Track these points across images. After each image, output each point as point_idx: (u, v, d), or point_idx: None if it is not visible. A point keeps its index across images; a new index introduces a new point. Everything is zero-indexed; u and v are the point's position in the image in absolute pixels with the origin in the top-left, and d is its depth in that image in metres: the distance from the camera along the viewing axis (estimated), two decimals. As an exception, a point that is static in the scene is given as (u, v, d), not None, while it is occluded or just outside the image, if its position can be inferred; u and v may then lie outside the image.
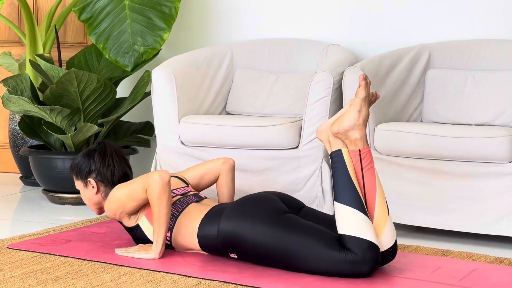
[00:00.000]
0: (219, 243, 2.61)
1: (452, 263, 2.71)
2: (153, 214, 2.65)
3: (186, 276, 2.49)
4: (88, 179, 2.81)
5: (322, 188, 3.32)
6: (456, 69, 3.50)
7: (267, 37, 4.01)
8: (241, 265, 2.62)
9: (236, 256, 2.62)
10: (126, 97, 3.94)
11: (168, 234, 2.72)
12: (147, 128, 4.08)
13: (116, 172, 2.80)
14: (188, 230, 2.68)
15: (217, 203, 2.82)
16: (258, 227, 2.52)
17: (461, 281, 2.47)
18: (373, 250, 2.42)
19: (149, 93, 3.84)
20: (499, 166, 2.96)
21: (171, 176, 2.91)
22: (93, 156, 2.82)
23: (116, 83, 3.88)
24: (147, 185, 2.63)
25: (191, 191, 2.89)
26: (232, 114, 3.81)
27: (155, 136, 3.62)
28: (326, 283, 2.42)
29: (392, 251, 2.51)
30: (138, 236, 2.77)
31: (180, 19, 4.14)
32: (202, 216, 2.68)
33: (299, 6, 3.99)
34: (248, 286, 2.41)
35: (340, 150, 2.50)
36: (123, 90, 4.23)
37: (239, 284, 2.42)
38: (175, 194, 2.81)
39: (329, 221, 2.60)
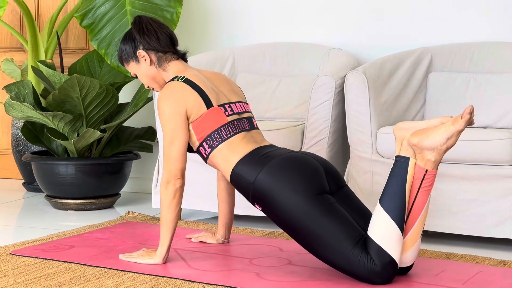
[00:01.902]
0: (251, 191, 2.52)
1: (456, 266, 2.71)
2: (161, 218, 2.64)
3: (190, 281, 2.49)
4: (137, 52, 2.72)
5: (325, 192, 3.31)
6: (458, 71, 3.50)
7: (269, 41, 4.01)
8: (245, 268, 2.62)
9: (260, 209, 2.54)
10: (128, 103, 3.95)
11: (208, 150, 2.62)
12: (150, 133, 4.08)
13: (160, 35, 2.72)
14: (226, 160, 2.59)
15: (265, 141, 2.70)
16: (295, 197, 2.44)
17: (465, 284, 2.47)
18: (393, 268, 2.39)
19: (151, 99, 3.84)
20: (502, 169, 2.96)
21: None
22: (131, 33, 2.74)
23: (118, 89, 3.89)
24: (160, 184, 2.61)
25: (247, 111, 2.74)
26: (234, 118, 3.81)
27: (158, 141, 3.62)
28: (328, 286, 2.42)
29: (409, 268, 2.51)
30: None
31: (181, 24, 4.15)
32: (246, 152, 2.57)
33: (301, 10, 4.00)
34: (252, 290, 2.41)
35: (408, 159, 2.41)
36: (125, 95, 4.24)
37: (242, 289, 2.42)
38: (232, 112, 2.66)
39: (363, 211, 2.54)
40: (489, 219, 3.00)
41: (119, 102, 3.90)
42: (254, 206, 2.56)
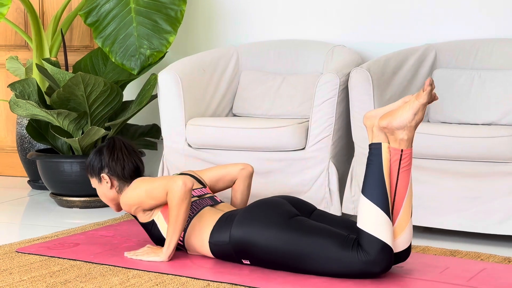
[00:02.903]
0: (232, 250, 2.60)
1: (460, 263, 2.71)
2: (170, 218, 2.65)
3: (195, 278, 2.50)
4: (102, 175, 2.82)
5: (329, 189, 3.32)
6: (463, 68, 3.50)
7: (273, 38, 4.01)
8: (250, 267, 2.62)
9: (249, 262, 2.61)
10: (132, 100, 3.95)
11: (182, 235, 2.73)
12: (154, 131, 4.09)
13: (126, 165, 2.81)
14: (200, 236, 2.68)
15: (231, 208, 2.82)
16: (269, 231, 2.51)
17: (469, 281, 2.47)
18: (386, 252, 2.41)
19: (155, 96, 3.85)
20: (506, 166, 2.96)
21: (189, 175, 2.91)
22: (102, 151, 2.84)
23: (123, 86, 3.89)
24: (169, 188, 2.63)
25: (208, 193, 2.88)
26: (238, 116, 3.82)
27: (162, 139, 3.63)
28: (334, 284, 2.43)
29: (406, 252, 2.51)
30: (153, 233, 2.77)
31: (185, 22, 4.15)
32: (214, 222, 2.67)
33: (305, 8, 3.99)
34: (257, 288, 2.42)
35: (380, 144, 2.43)
36: (129, 93, 4.25)
37: (247, 286, 2.42)
38: (191, 196, 2.81)
39: (341, 222, 2.60)
40: (494, 216, 2.99)
41: (124, 99, 3.90)
42: (242, 263, 2.63)
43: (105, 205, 3.82)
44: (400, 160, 2.42)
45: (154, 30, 3.75)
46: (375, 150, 2.44)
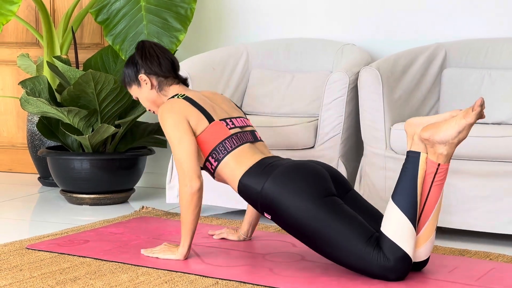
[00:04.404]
0: (259, 200, 2.54)
1: (469, 262, 2.70)
2: (181, 218, 2.65)
3: (203, 276, 2.51)
4: (139, 76, 2.78)
5: (338, 188, 3.32)
6: (473, 68, 3.49)
7: (283, 37, 4.01)
8: (258, 263, 2.63)
9: (270, 217, 2.56)
10: (142, 98, 3.96)
11: (215, 164, 2.65)
12: (164, 129, 4.09)
13: (162, 61, 2.77)
14: (234, 172, 2.62)
15: (269, 153, 2.73)
16: (302, 202, 2.46)
17: (478, 281, 2.47)
18: (406, 262, 2.39)
19: (165, 94, 3.85)
20: (516, 165, 2.95)
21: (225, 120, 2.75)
22: (134, 57, 2.80)
23: (133, 84, 3.90)
24: (179, 185, 2.61)
25: (249, 125, 2.78)
26: (248, 114, 3.82)
27: (172, 137, 3.63)
28: (342, 282, 2.43)
29: (424, 263, 2.51)
30: None
31: (195, 20, 4.16)
32: (252, 164, 2.60)
33: (314, 6, 3.99)
34: (265, 286, 2.42)
35: (418, 154, 2.40)
36: (139, 91, 4.25)
37: (256, 284, 2.43)
38: (233, 126, 2.71)
39: (372, 213, 2.55)
40: (503, 215, 2.99)
41: (134, 97, 3.91)
42: (264, 215, 2.59)
43: (115, 202, 3.84)
44: (436, 174, 2.40)
45: (164, 28, 3.76)
46: (412, 158, 2.42)
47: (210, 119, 2.68)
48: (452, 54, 3.55)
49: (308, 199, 2.46)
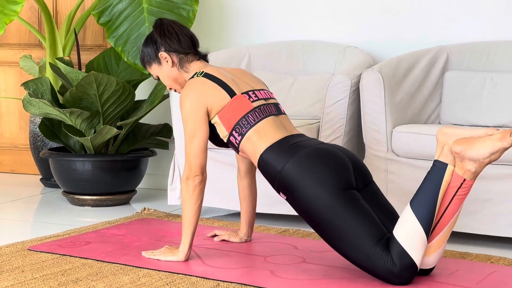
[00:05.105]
0: (277, 179, 2.52)
1: (470, 265, 2.71)
2: (182, 213, 2.66)
3: (205, 278, 2.51)
4: (159, 54, 2.75)
5: (340, 190, 3.32)
6: (474, 70, 3.49)
7: (285, 39, 4.02)
8: (260, 266, 2.63)
9: (285, 198, 2.53)
10: (144, 100, 3.97)
11: (239, 138, 2.61)
12: (166, 130, 4.10)
13: (181, 37, 2.74)
14: (255, 145, 2.58)
15: (293, 127, 2.69)
16: (320, 190, 2.43)
17: (479, 284, 2.47)
18: (412, 270, 2.38)
19: (167, 96, 3.86)
20: (517, 168, 2.95)
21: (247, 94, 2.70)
22: (153, 36, 2.77)
23: (135, 86, 3.91)
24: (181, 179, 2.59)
25: (272, 97, 2.75)
26: (250, 116, 3.83)
27: (173, 138, 3.64)
28: (343, 285, 2.43)
29: (429, 270, 2.51)
30: (216, 135, 2.68)
31: (197, 22, 4.16)
32: (275, 140, 2.56)
33: (317, 8, 4.00)
34: (266, 288, 2.42)
35: (446, 165, 2.37)
36: (141, 92, 4.26)
37: (257, 286, 2.43)
38: (256, 98, 2.67)
39: (388, 211, 2.52)
40: (505, 218, 2.99)
41: (136, 99, 3.92)
42: (279, 194, 2.56)
43: (117, 204, 3.84)
44: (459, 188, 2.38)
45: (167, 30, 3.77)
46: (438, 169, 2.39)
47: (231, 93, 2.65)
48: (454, 57, 3.55)
49: (327, 189, 2.43)
